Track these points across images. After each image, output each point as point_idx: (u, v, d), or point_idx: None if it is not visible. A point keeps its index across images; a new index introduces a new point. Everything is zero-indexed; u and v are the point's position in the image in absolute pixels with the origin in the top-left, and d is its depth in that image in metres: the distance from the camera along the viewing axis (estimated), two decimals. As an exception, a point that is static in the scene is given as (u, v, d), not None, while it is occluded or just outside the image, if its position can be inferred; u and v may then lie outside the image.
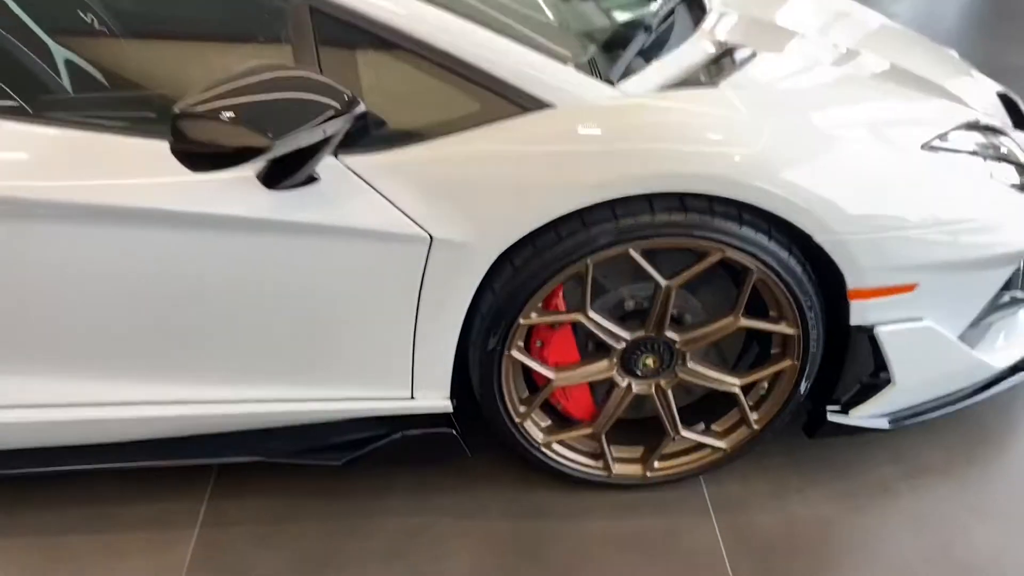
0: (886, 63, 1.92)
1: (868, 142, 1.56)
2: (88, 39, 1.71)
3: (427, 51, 1.44)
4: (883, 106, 1.72)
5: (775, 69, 1.73)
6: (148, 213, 1.39)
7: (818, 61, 1.85)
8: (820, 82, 1.78)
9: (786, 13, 2.07)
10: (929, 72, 1.97)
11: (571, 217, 1.43)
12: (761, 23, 1.95)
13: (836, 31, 2.08)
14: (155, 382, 1.59)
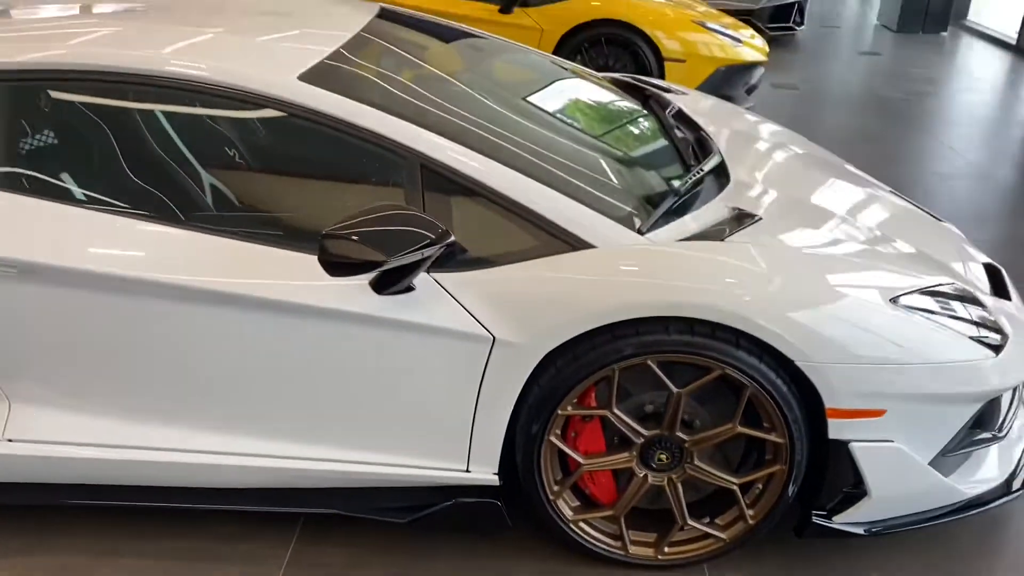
0: (893, 241, 2.33)
1: (852, 296, 1.96)
2: (230, 170, 2.26)
3: (501, 200, 1.92)
4: (871, 269, 2.12)
5: (787, 234, 2.16)
6: (283, 305, 1.86)
7: (824, 231, 2.28)
8: (820, 246, 2.20)
9: (802, 191, 2.52)
10: (923, 243, 2.37)
11: (603, 330, 1.85)
12: (792, 199, 2.39)
13: (849, 205, 2.51)
14: (264, 439, 2.02)
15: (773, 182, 2.48)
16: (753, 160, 2.66)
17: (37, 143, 2.08)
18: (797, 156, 2.88)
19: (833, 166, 2.93)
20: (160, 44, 2.12)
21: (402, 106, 2.09)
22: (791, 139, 3.13)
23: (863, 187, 2.73)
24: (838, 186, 2.65)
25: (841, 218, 2.37)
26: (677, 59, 5.33)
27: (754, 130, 3.08)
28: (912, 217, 2.63)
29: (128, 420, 2.03)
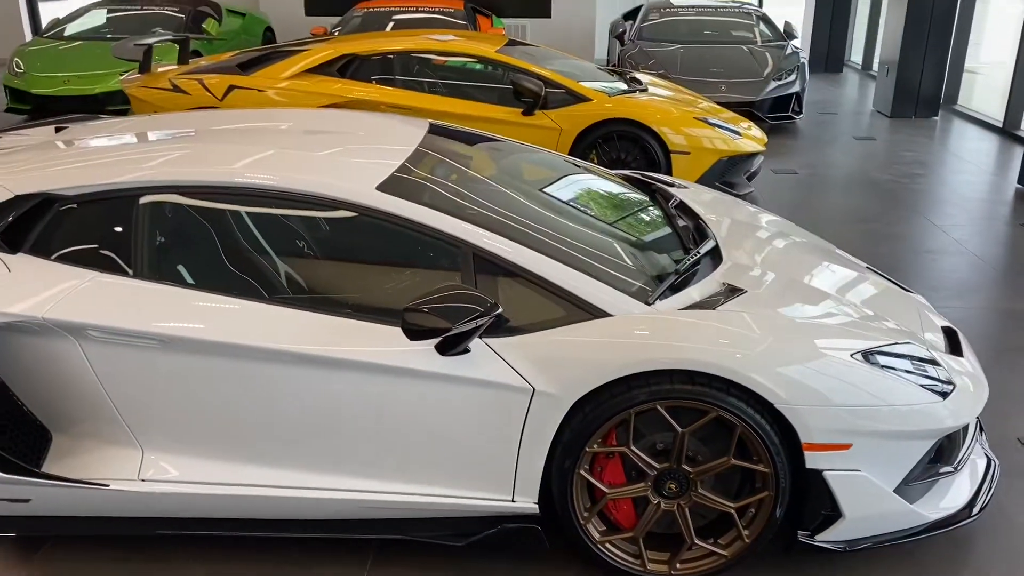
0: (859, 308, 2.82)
1: (823, 352, 2.44)
2: (301, 259, 2.79)
3: (537, 279, 2.44)
4: (842, 332, 2.60)
5: (773, 303, 2.65)
6: (367, 366, 2.36)
7: (805, 302, 2.77)
8: (801, 313, 2.68)
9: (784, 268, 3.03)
10: (889, 310, 2.86)
11: (620, 382, 2.33)
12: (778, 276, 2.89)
13: (827, 281, 3.01)
14: (348, 476, 2.50)
15: (763, 262, 2.99)
16: (746, 244, 3.16)
17: (155, 244, 2.62)
18: (785, 240, 3.39)
19: (817, 248, 3.43)
20: (232, 160, 2.70)
21: (456, 207, 2.63)
22: (782, 225, 3.64)
23: (841, 265, 3.24)
24: (820, 265, 3.16)
25: (820, 292, 2.87)
26: (682, 151, 5.91)
27: (749, 218, 3.60)
28: (882, 290, 3.12)
29: (238, 463, 2.52)
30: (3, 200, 2.55)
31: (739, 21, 10.02)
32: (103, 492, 2.49)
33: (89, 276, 2.47)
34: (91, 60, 8.89)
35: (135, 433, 2.51)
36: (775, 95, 8.69)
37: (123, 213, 2.58)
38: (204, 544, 2.69)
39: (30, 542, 2.71)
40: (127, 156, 2.88)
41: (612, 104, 6.01)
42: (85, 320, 2.37)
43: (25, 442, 2.52)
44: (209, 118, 3.51)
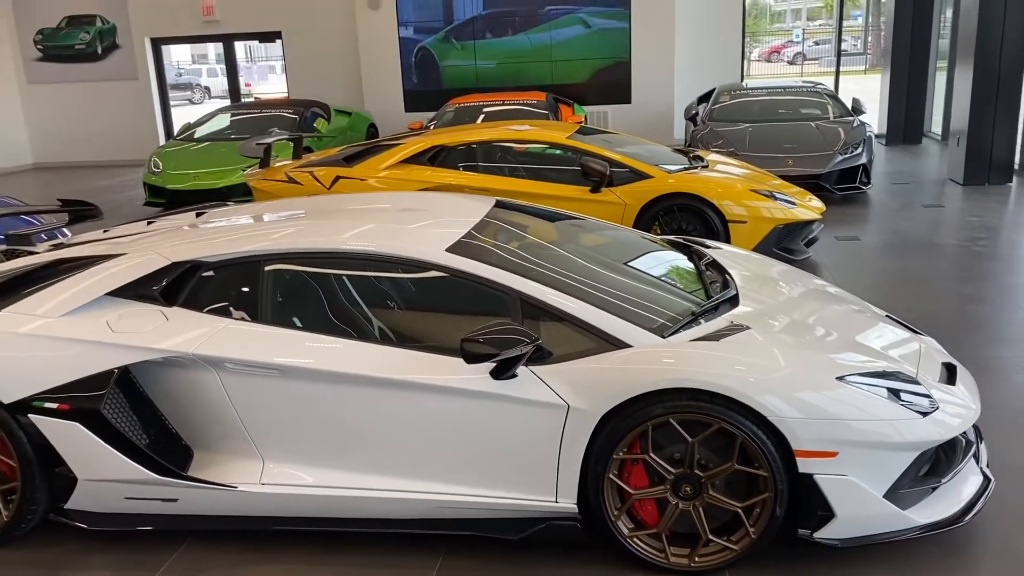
0: (853, 341, 3.28)
1: (811, 374, 2.92)
2: (387, 306, 3.45)
3: (572, 319, 3.03)
4: (831, 359, 3.07)
5: (773, 336, 3.15)
6: (437, 388, 2.98)
7: (804, 335, 3.26)
8: (797, 343, 3.17)
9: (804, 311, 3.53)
10: (882, 342, 3.31)
11: (640, 398, 2.86)
12: (784, 315, 3.40)
13: (830, 321, 3.49)
14: (425, 481, 3.09)
15: (773, 307, 3.49)
16: (763, 293, 3.67)
17: (276, 297, 3.34)
18: (802, 290, 3.87)
19: (833, 297, 3.89)
20: (337, 232, 3.42)
21: (509, 263, 3.26)
22: (805, 279, 4.12)
23: (850, 309, 3.70)
24: (827, 309, 3.64)
25: (819, 328, 3.35)
26: (740, 221, 6.43)
27: (776, 274, 4.10)
28: (885, 328, 3.55)
29: (338, 469, 3.15)
30: (163, 266, 3.34)
31: (807, 99, 10.53)
32: (232, 493, 3.16)
33: (226, 322, 3.20)
34: (217, 158, 10.13)
35: (257, 445, 3.19)
36: (842, 167, 9.09)
37: (251, 275, 3.32)
38: (306, 540, 3.31)
39: (174, 537, 3.39)
40: (253, 232, 3.65)
41: (673, 180, 6.61)
42: (223, 355, 3.09)
43: (172, 456, 3.23)
44: (319, 202, 4.30)
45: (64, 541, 3.41)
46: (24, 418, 3.16)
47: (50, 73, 15.24)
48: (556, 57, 13.35)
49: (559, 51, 13.32)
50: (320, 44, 14.24)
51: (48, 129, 15.45)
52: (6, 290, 3.41)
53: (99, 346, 3.12)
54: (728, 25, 13.93)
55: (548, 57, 13.36)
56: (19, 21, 15.05)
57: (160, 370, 3.19)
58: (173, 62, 16.61)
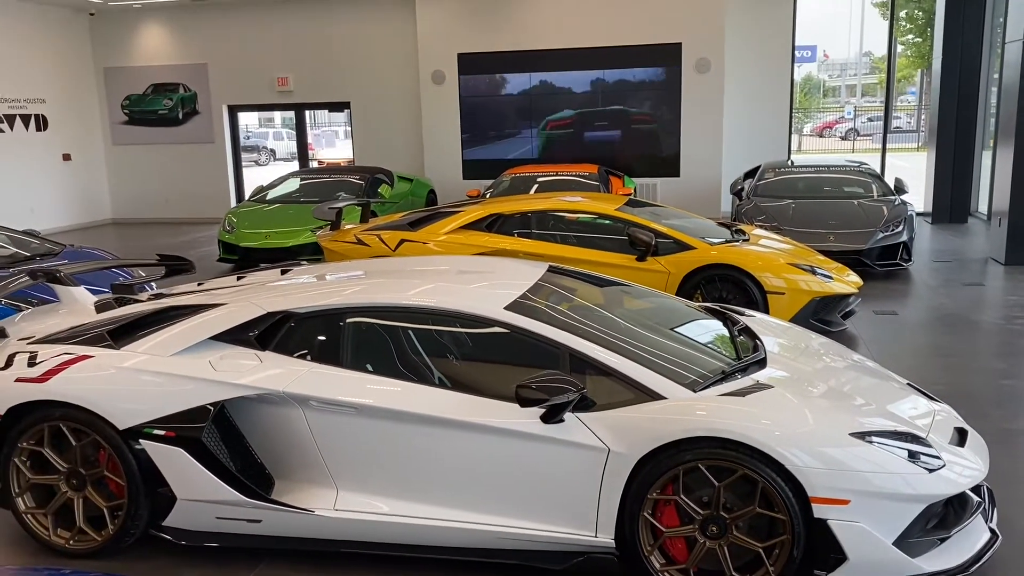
0: (869, 403, 3.63)
1: (829, 431, 3.27)
2: (449, 355, 3.89)
3: (614, 372, 3.44)
4: (848, 418, 3.41)
5: (796, 395, 3.51)
6: (492, 429, 3.39)
7: (824, 396, 3.61)
8: (820, 405, 3.52)
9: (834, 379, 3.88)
10: (896, 406, 3.65)
11: (673, 445, 3.24)
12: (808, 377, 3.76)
13: (852, 386, 3.83)
14: (481, 512, 3.48)
15: (797, 370, 3.86)
16: (790, 358, 4.03)
17: (353, 345, 3.81)
18: (828, 357, 4.22)
19: (857, 364, 4.23)
20: (404, 290, 3.90)
21: (559, 321, 3.70)
22: (835, 348, 4.47)
23: (872, 376, 4.04)
24: (850, 374, 3.99)
25: (838, 390, 3.70)
26: (778, 292, 6.79)
27: (806, 342, 4.46)
28: (903, 394, 3.89)
29: (402, 499, 3.57)
30: (259, 315, 3.84)
31: (851, 178, 10.90)
32: (309, 517, 3.59)
33: (312, 365, 3.68)
34: (287, 219, 10.83)
35: (333, 475, 3.63)
36: (883, 244, 9.40)
37: (334, 325, 3.81)
38: (373, 563, 3.71)
39: (254, 555, 3.82)
40: (335, 288, 4.16)
41: (716, 252, 7.01)
42: (309, 393, 3.56)
43: (257, 482, 3.68)
44: (387, 263, 4.81)
45: (159, 555, 3.86)
46: (135, 443, 3.65)
47: (134, 135, 16.36)
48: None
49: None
50: (385, 114, 15.10)
51: (127, 187, 16.50)
52: (124, 332, 3.94)
53: (203, 382, 3.62)
54: (777, 101, 14.43)
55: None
56: (109, 88, 16.25)
57: (251, 405, 3.66)
58: (242, 125, 17.64)
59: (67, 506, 3.84)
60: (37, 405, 3.75)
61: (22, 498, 3.86)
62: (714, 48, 13.42)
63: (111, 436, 3.67)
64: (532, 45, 13.94)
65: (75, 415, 3.70)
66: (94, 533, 3.81)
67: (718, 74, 13.47)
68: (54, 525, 3.86)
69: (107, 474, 3.76)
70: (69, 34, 15.67)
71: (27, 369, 3.78)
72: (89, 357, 3.78)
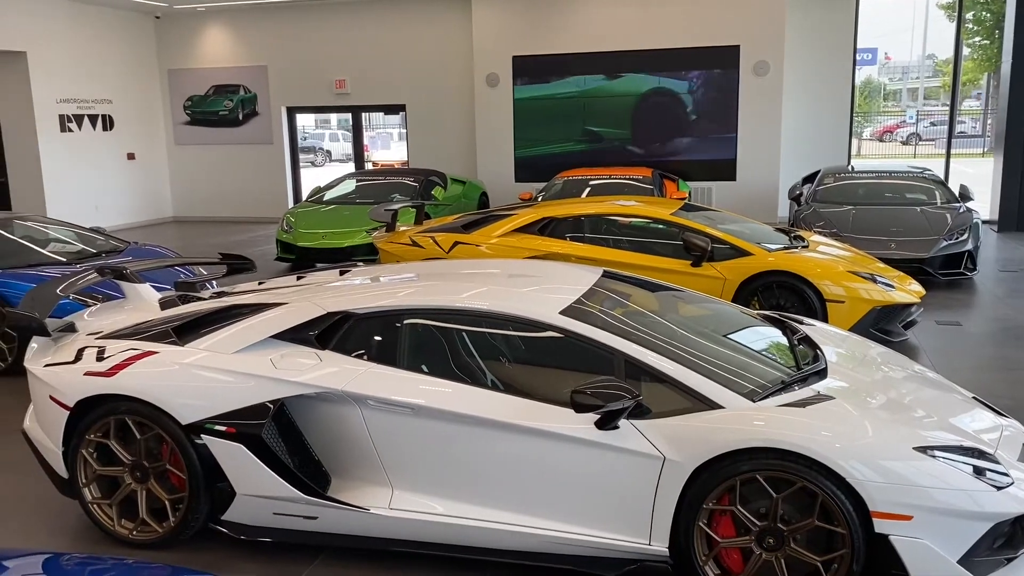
0: (934, 416, 3.54)
1: (891, 443, 3.20)
2: (504, 358, 3.90)
3: (671, 380, 3.41)
4: (913, 431, 3.33)
5: (857, 407, 3.44)
6: (545, 433, 3.39)
7: (887, 408, 3.53)
8: (879, 416, 3.45)
9: (880, 384, 3.80)
10: (965, 422, 3.55)
11: (730, 455, 3.20)
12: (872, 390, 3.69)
13: (911, 397, 3.74)
14: (532, 516, 3.48)
15: (859, 381, 3.78)
16: (851, 368, 3.96)
17: (409, 345, 3.84)
18: (891, 369, 4.12)
19: (920, 377, 4.13)
20: (457, 293, 3.91)
21: (615, 327, 3.68)
22: (896, 359, 4.37)
23: (937, 389, 3.94)
24: (913, 386, 3.89)
25: (902, 403, 3.61)
26: (838, 300, 6.66)
27: (864, 351, 4.37)
28: (969, 408, 3.78)
29: (455, 501, 3.59)
30: (320, 315, 3.90)
31: (913, 184, 10.64)
32: (365, 515, 3.63)
33: (370, 365, 3.72)
34: (343, 220, 10.97)
35: (389, 474, 3.67)
36: (946, 253, 9.15)
37: (392, 326, 3.85)
38: (426, 562, 3.74)
39: (310, 552, 3.88)
40: (394, 289, 4.20)
41: (773, 258, 6.91)
42: (367, 392, 3.60)
43: (314, 479, 3.73)
44: (439, 266, 4.85)
45: (217, 548, 3.94)
46: (197, 438, 3.74)
47: (195, 136, 16.75)
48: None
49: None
50: (439, 116, 15.21)
51: (189, 186, 16.90)
52: (188, 329, 4.03)
53: (264, 380, 3.69)
54: (837, 104, 14.18)
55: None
56: (172, 89, 16.66)
57: (310, 403, 3.72)
58: (300, 126, 17.93)
59: (131, 498, 3.95)
60: (104, 399, 3.86)
61: (88, 488, 3.98)
62: (773, 50, 13.23)
63: (174, 431, 3.76)
64: (587, 48, 13.91)
65: (140, 409, 3.80)
66: (156, 525, 3.91)
67: (777, 77, 13.28)
68: (118, 515, 3.97)
69: (169, 468, 3.85)
70: (135, 36, 16.12)
71: (95, 363, 3.89)
72: (154, 353, 3.88)
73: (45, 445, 4.07)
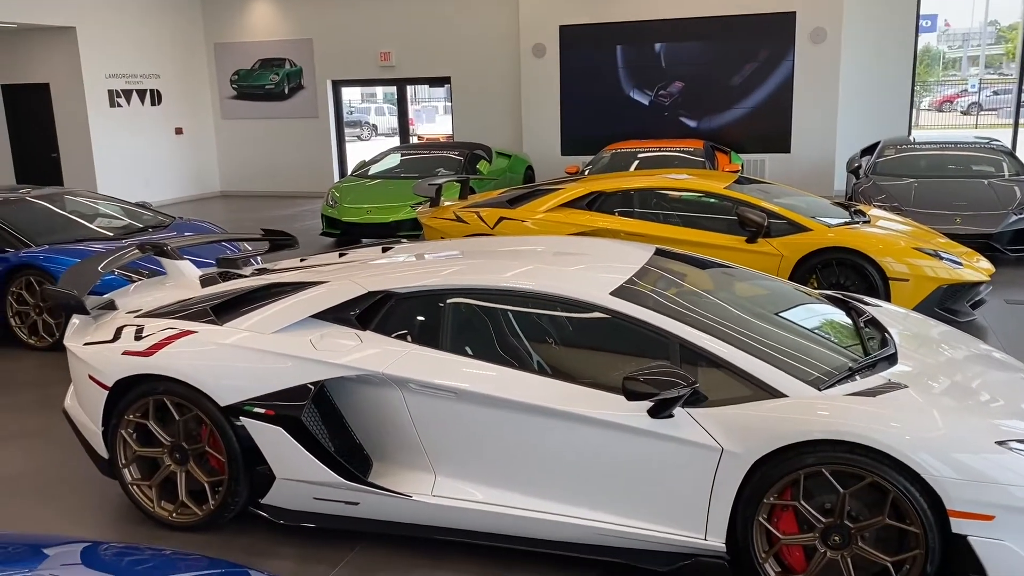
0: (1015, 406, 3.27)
1: (970, 436, 2.95)
2: (551, 341, 3.72)
3: (730, 366, 3.20)
4: (993, 423, 3.08)
5: (930, 396, 3.20)
6: (596, 421, 3.22)
7: (961, 396, 3.28)
8: (956, 405, 3.20)
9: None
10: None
11: (793, 447, 2.99)
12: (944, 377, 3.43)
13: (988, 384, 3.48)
14: (578, 506, 3.32)
15: (931, 367, 3.52)
16: (923, 354, 3.70)
17: (452, 327, 3.67)
18: (965, 353, 3.85)
19: (997, 361, 3.85)
20: (501, 271, 3.73)
21: (669, 309, 3.48)
22: (969, 342, 4.09)
23: (1007, 371, 3.67)
24: (990, 374, 3.62)
25: (979, 392, 3.35)
26: (901, 279, 6.34)
27: (937, 335, 4.10)
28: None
29: (500, 489, 3.44)
30: (360, 294, 3.76)
31: (980, 156, 10.14)
32: (407, 501, 3.50)
33: (412, 347, 3.58)
34: (387, 195, 10.85)
35: (432, 460, 3.53)
36: (1016, 228, 8.70)
37: (434, 306, 3.69)
38: (471, 552, 3.60)
39: (351, 538, 3.77)
40: (437, 267, 4.04)
41: (833, 234, 6.60)
42: (408, 375, 3.46)
43: (356, 464, 3.61)
44: (482, 243, 4.67)
45: (257, 531, 3.86)
46: (236, 420, 3.64)
47: (242, 110, 16.76)
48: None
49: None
50: (485, 88, 14.98)
51: (236, 161, 16.95)
52: (227, 308, 3.93)
53: (304, 361, 3.57)
54: (897, 73, 13.58)
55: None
56: (219, 63, 16.67)
57: (351, 386, 3.59)
58: (345, 101, 17.85)
59: (170, 479, 3.88)
60: (143, 378, 3.78)
61: (128, 469, 3.92)
62: (831, 17, 12.70)
63: (212, 412, 3.66)
64: (636, 16, 13.52)
65: (178, 390, 3.71)
66: (195, 507, 3.83)
67: (834, 44, 12.76)
68: (158, 497, 3.91)
69: (208, 450, 3.77)
70: (182, 10, 16.13)
71: (134, 343, 3.82)
72: (192, 332, 3.78)
73: (85, 425, 4.01)
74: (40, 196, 7.79)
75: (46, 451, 4.86)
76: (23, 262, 6.66)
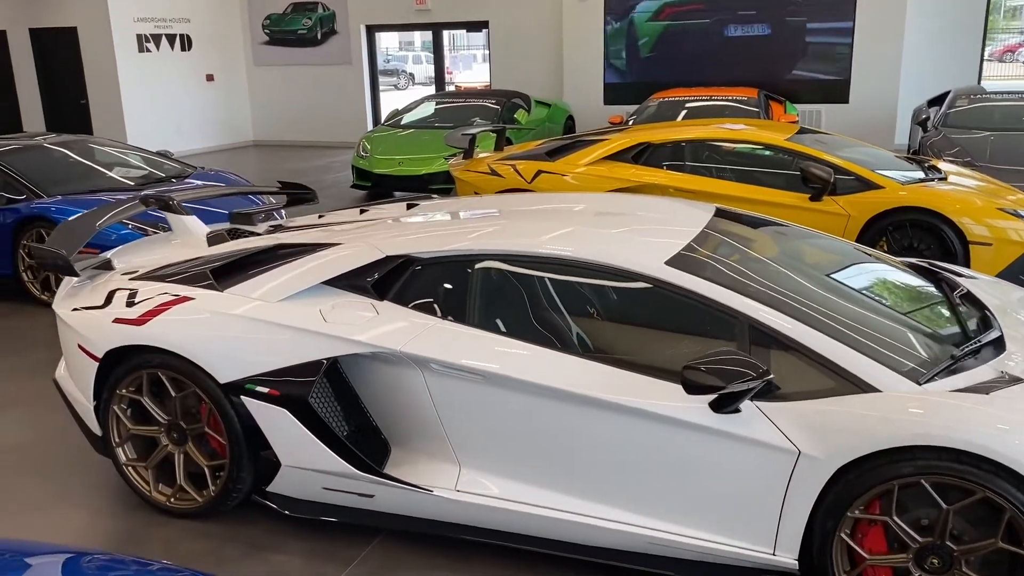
0: None
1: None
2: (596, 318, 3.22)
3: (810, 353, 2.68)
4: None
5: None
6: (650, 415, 2.73)
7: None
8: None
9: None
10: None
11: (884, 453, 2.48)
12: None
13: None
14: (624, 510, 2.86)
15: None
16: (1014, 326, 3.13)
17: (482, 299, 3.20)
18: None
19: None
20: (537, 234, 3.22)
21: (737, 283, 2.95)
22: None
23: None
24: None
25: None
26: (983, 243, 5.70)
27: (1010, 297, 3.52)
28: None
29: (534, 486, 2.99)
30: (378, 259, 3.29)
31: (1063, 106, 9.31)
32: (427, 496, 3.07)
33: (435, 321, 3.11)
34: (420, 146, 10.33)
35: (456, 450, 3.08)
36: (1103, 186, 7.94)
37: (461, 274, 3.21)
38: (497, 553, 3.17)
39: (367, 532, 3.36)
40: (462, 229, 3.55)
41: (907, 192, 5.96)
42: (430, 355, 3.00)
43: (372, 451, 3.18)
44: (517, 199, 4.16)
45: (263, 521, 3.47)
46: (237, 399, 3.22)
47: (274, 56, 16.25)
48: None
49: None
50: (525, 34, 14.27)
51: (269, 109, 16.51)
52: (229, 271, 3.49)
53: (312, 335, 3.12)
54: (967, 19, 12.62)
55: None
56: (251, 7, 16.14)
57: (366, 363, 3.15)
58: (382, 48, 17.25)
59: (168, 460, 3.50)
60: (135, 349, 3.38)
61: (122, 448, 3.55)
62: (899, -45, 11.77)
63: (211, 389, 3.25)
64: (687, -44, 12.68)
65: (174, 363, 3.30)
66: (195, 492, 3.45)
67: (902, -15, 11.84)
68: (155, 480, 3.53)
69: (208, 431, 3.37)
70: (213, -48, 15.59)
71: (125, 309, 3.40)
72: (189, 299, 3.35)
73: (76, 398, 3.64)
74: (57, 143, 7.42)
75: (49, 419, 4.52)
76: (34, 213, 6.31)
